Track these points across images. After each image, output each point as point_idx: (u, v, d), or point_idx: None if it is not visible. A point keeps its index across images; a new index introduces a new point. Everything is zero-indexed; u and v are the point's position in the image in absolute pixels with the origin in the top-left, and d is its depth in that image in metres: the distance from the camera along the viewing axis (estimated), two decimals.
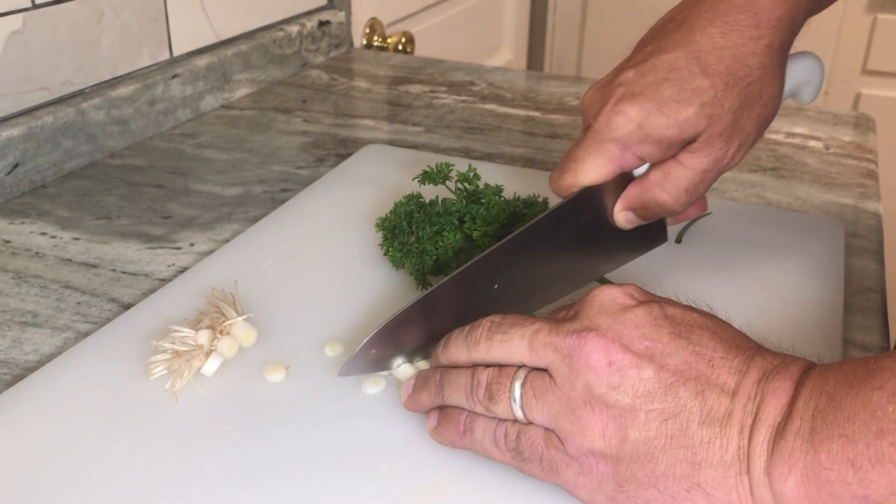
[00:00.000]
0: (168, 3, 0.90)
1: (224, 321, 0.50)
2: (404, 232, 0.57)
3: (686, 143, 0.50)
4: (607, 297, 0.40)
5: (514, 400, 0.40)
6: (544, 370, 0.40)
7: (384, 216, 0.59)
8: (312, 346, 0.52)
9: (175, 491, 0.41)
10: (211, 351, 0.49)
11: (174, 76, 0.90)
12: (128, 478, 0.42)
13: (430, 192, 0.61)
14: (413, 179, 0.61)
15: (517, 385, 0.40)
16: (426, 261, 0.56)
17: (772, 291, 0.58)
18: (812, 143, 0.88)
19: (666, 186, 0.51)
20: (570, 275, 0.53)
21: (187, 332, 0.49)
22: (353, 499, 0.41)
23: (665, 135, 0.49)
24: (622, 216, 0.53)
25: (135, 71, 0.88)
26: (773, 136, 0.89)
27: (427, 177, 0.60)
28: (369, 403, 0.47)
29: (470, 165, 0.61)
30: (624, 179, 0.52)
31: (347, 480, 0.42)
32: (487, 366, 0.42)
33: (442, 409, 0.44)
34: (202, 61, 0.94)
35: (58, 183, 0.77)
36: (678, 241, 0.64)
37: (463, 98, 1.01)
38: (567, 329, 0.39)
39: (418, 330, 0.48)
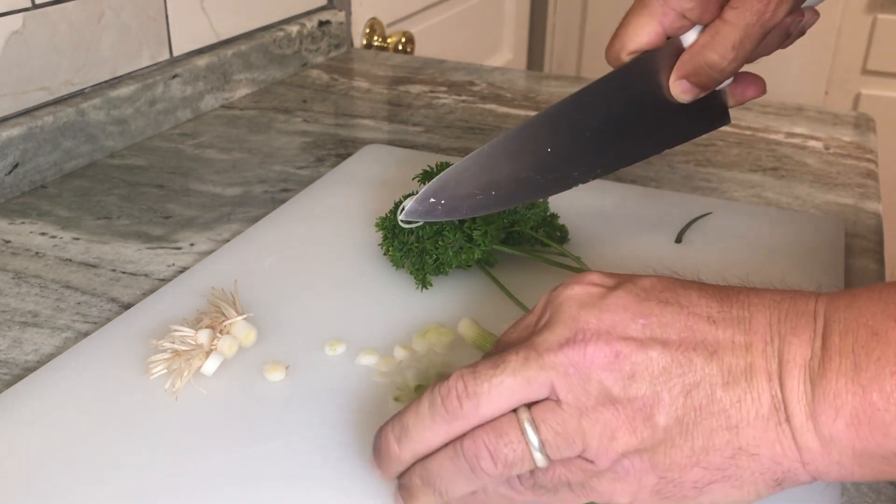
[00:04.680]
0: (168, 3, 0.90)
1: (224, 321, 0.50)
2: (404, 232, 0.57)
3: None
4: (578, 290, 0.37)
5: (535, 449, 0.35)
6: (544, 400, 0.35)
7: (384, 216, 0.59)
8: (312, 346, 0.52)
9: (175, 490, 0.41)
10: (211, 350, 0.49)
11: (174, 76, 0.90)
12: (128, 477, 0.42)
13: None
14: (413, 179, 0.61)
15: (530, 431, 0.35)
16: (426, 261, 0.56)
17: None
18: (812, 143, 0.88)
19: (714, 45, 0.51)
20: (628, 148, 0.54)
21: (187, 331, 0.49)
22: (353, 499, 0.41)
23: None
24: (677, 86, 0.53)
25: (135, 71, 0.88)
26: (773, 136, 0.89)
27: (427, 177, 0.60)
28: (369, 403, 0.47)
29: None
30: (677, 54, 0.53)
31: (347, 480, 0.42)
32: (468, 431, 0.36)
33: None
34: (202, 61, 0.94)
35: (58, 183, 0.77)
36: (678, 240, 0.64)
37: (463, 98, 1.01)
38: (556, 341, 0.36)
39: (472, 183, 0.49)
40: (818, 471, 0.34)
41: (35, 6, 0.76)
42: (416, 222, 0.51)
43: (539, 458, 0.35)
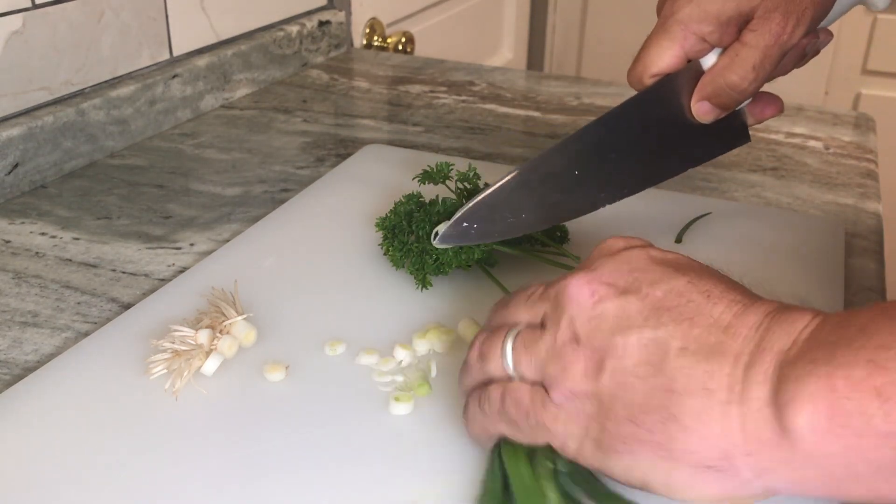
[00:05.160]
0: (168, 3, 0.90)
1: (224, 321, 0.50)
2: (404, 232, 0.57)
3: (744, 22, 0.52)
4: (609, 243, 0.40)
5: (505, 356, 0.39)
6: (539, 325, 0.39)
7: (384, 216, 0.59)
8: (312, 346, 0.52)
9: (175, 490, 0.41)
10: (211, 350, 0.49)
11: (174, 76, 0.90)
12: (128, 477, 0.42)
13: (430, 191, 0.61)
14: (413, 179, 0.61)
15: (509, 341, 0.39)
16: (426, 261, 0.56)
17: (771, 292, 0.57)
18: (812, 143, 0.88)
19: (734, 67, 0.52)
20: (653, 169, 0.56)
21: (187, 331, 0.49)
22: (352, 499, 0.41)
23: (723, 10, 0.51)
24: (699, 107, 0.55)
25: (135, 71, 0.88)
26: (773, 136, 0.89)
27: (427, 177, 0.60)
28: (369, 403, 0.47)
29: (470, 165, 0.61)
30: (697, 77, 0.54)
31: (347, 480, 0.42)
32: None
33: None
34: (202, 61, 0.94)
35: (58, 183, 0.77)
36: (678, 240, 0.64)
37: (463, 98, 1.01)
38: (561, 277, 0.39)
39: (503, 208, 0.52)
40: (761, 467, 0.31)
41: (35, 6, 0.76)
42: (450, 246, 0.55)
43: (508, 366, 0.39)
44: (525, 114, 0.97)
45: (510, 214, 0.52)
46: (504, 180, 0.52)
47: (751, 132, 0.61)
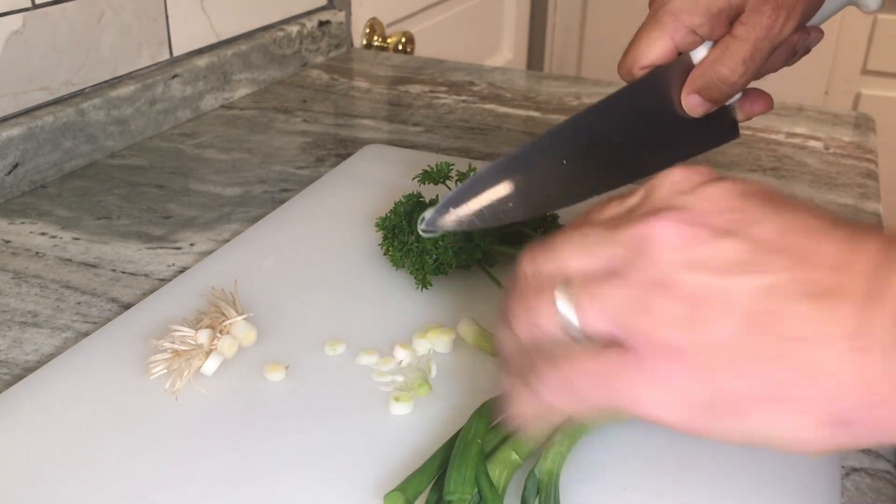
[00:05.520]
0: (168, 3, 0.90)
1: (224, 321, 0.50)
2: (404, 232, 0.57)
3: (735, 15, 0.52)
4: (679, 176, 0.35)
5: (562, 307, 0.33)
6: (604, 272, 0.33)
7: (384, 216, 0.59)
8: (312, 346, 0.52)
9: (175, 490, 0.41)
10: (211, 350, 0.49)
11: (174, 76, 0.90)
12: (128, 477, 0.42)
13: (430, 191, 0.61)
14: (413, 179, 0.61)
15: (563, 290, 0.33)
16: (426, 261, 0.56)
17: None
18: (812, 143, 0.88)
19: (725, 60, 0.52)
20: (642, 161, 0.55)
21: (187, 331, 0.49)
22: (352, 498, 0.41)
23: (714, 2, 0.51)
24: (689, 100, 0.54)
25: (135, 71, 0.88)
26: (773, 136, 0.89)
27: (427, 177, 0.60)
28: (369, 403, 0.47)
29: (470, 165, 0.61)
30: (687, 70, 0.54)
31: (347, 480, 0.42)
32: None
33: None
34: (202, 61, 0.94)
35: (58, 183, 0.77)
36: None
37: (463, 98, 1.01)
38: (630, 218, 0.33)
39: (490, 194, 0.49)
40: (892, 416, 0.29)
41: (35, 6, 0.76)
42: (436, 232, 0.52)
43: (567, 313, 0.33)
44: (525, 114, 0.97)
45: (497, 202, 0.51)
46: (490, 166, 0.51)
47: (750, 132, 0.61)
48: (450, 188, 0.61)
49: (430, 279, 0.57)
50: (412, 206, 0.58)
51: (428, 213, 0.49)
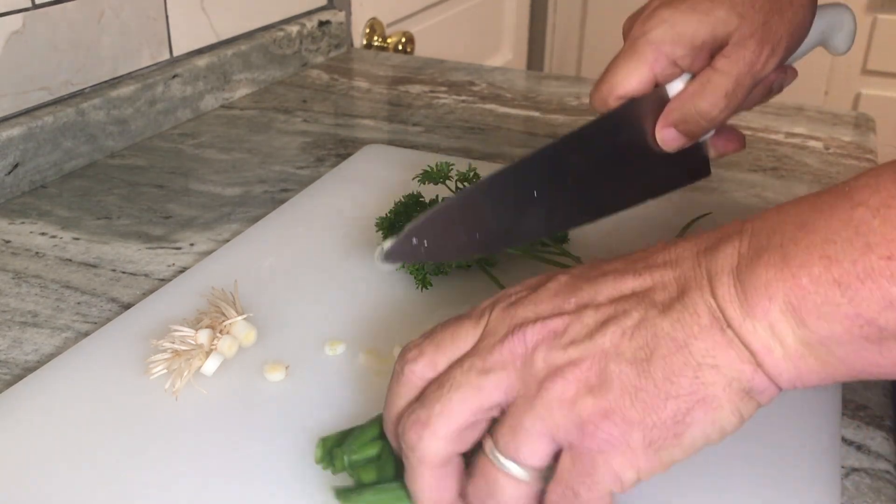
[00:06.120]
0: (168, 3, 0.90)
1: (224, 320, 0.50)
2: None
3: (718, 48, 0.50)
4: (507, 293, 0.39)
5: (493, 453, 0.35)
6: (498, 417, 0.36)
7: (384, 216, 0.59)
8: (312, 346, 0.52)
9: (175, 490, 0.41)
10: (211, 350, 0.49)
11: (174, 76, 0.90)
12: (128, 477, 0.42)
13: (430, 191, 0.61)
14: (413, 179, 0.61)
15: (500, 459, 0.35)
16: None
17: None
18: (812, 143, 0.88)
19: (705, 94, 0.51)
20: (610, 196, 0.53)
21: (187, 331, 0.49)
22: None
23: (697, 33, 0.50)
24: (664, 133, 0.52)
25: (135, 71, 0.88)
26: (773, 136, 0.89)
27: (427, 177, 0.60)
28: (369, 403, 0.47)
29: (470, 165, 0.61)
30: (663, 104, 0.52)
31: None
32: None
33: None
34: (202, 61, 0.94)
35: (58, 183, 0.77)
36: None
37: (463, 98, 1.01)
38: (495, 342, 0.36)
39: (456, 225, 0.47)
40: (775, 370, 0.33)
41: (35, 6, 0.76)
42: (397, 265, 0.49)
43: (521, 474, 0.35)
44: (525, 114, 0.97)
45: (463, 233, 0.48)
46: (457, 196, 0.48)
47: (750, 132, 0.60)
48: (450, 188, 0.60)
49: (430, 279, 0.57)
50: (412, 206, 0.58)
51: (387, 244, 0.46)
